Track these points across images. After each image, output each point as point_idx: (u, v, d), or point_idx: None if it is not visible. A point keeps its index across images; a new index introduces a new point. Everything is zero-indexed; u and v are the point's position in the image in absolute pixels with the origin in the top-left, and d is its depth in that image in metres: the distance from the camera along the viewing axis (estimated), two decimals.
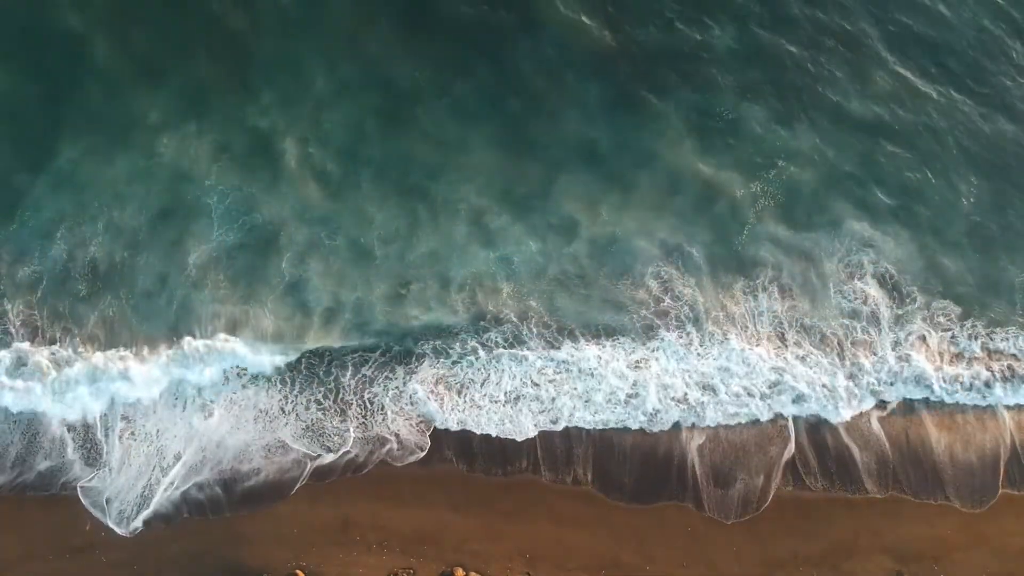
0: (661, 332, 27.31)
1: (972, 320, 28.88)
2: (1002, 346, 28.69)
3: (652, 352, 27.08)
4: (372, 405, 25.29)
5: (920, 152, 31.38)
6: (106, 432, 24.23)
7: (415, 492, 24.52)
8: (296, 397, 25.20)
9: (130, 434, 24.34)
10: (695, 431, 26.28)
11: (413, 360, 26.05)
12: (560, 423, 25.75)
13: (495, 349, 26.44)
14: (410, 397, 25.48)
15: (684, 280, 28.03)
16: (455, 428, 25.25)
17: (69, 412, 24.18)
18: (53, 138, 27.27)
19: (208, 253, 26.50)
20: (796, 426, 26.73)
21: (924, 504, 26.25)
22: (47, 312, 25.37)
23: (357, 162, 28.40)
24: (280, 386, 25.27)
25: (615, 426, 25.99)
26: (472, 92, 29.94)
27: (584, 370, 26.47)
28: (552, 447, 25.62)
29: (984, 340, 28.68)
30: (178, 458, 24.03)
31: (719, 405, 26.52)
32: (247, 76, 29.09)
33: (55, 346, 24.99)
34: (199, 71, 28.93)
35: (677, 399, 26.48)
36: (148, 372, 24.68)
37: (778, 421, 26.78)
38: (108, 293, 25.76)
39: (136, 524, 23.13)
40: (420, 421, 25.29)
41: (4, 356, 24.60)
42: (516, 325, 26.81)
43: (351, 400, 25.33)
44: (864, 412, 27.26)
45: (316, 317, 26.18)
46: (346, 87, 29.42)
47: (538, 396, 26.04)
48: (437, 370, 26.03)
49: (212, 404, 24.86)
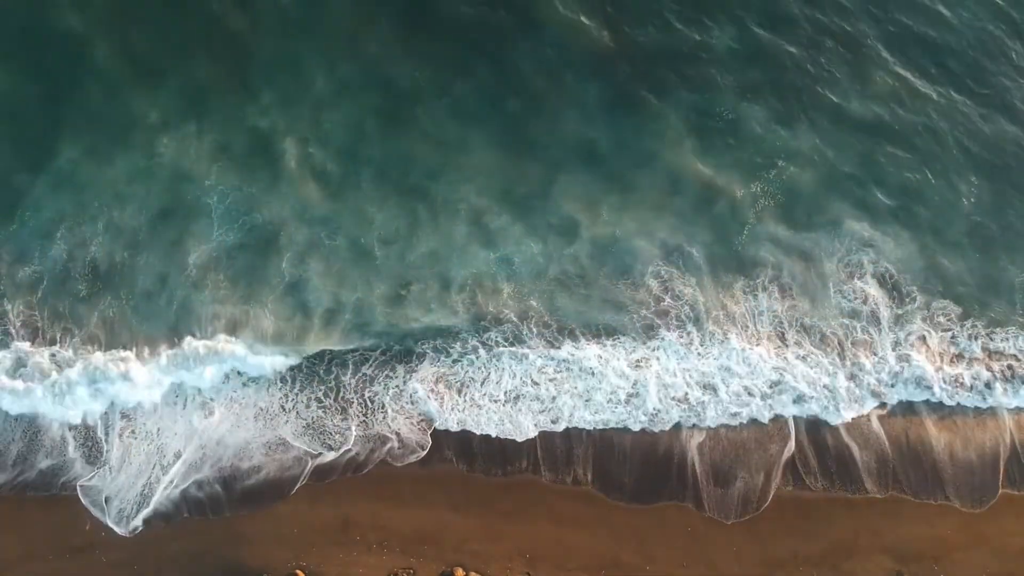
0: (661, 331, 27.30)
1: (972, 320, 28.83)
2: (1002, 346, 28.65)
3: (653, 351, 27.07)
4: (372, 404, 25.28)
5: (920, 152, 31.34)
6: (106, 430, 24.24)
7: (415, 492, 24.50)
8: (297, 395, 25.20)
9: (131, 432, 24.35)
10: (695, 429, 26.28)
11: (414, 359, 26.05)
12: (560, 423, 25.73)
13: (495, 348, 26.45)
14: (410, 396, 25.48)
15: (684, 280, 28.02)
16: (455, 428, 25.26)
17: (69, 414, 24.15)
18: (53, 138, 27.31)
19: (208, 253, 26.51)
20: (796, 424, 26.71)
21: (924, 504, 26.21)
22: (47, 312, 25.39)
23: (357, 162, 28.40)
24: (280, 384, 25.27)
25: (615, 426, 25.98)
26: (472, 92, 29.95)
27: (585, 369, 26.45)
28: (552, 447, 25.60)
29: (984, 340, 28.64)
30: (178, 456, 24.02)
31: (720, 405, 26.51)
32: (247, 76, 29.11)
33: (55, 347, 24.99)
34: (199, 71, 28.96)
35: (678, 399, 26.47)
36: (149, 374, 24.67)
37: (778, 419, 26.79)
38: (108, 293, 25.78)
39: (136, 523, 23.12)
40: (421, 420, 25.28)
41: (4, 357, 24.62)
42: (516, 325, 26.80)
43: (352, 398, 25.32)
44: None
45: (316, 318, 26.18)
46: (346, 87, 29.43)
47: (538, 395, 26.02)
48: (438, 368, 26.02)
49: (212, 402, 24.86)
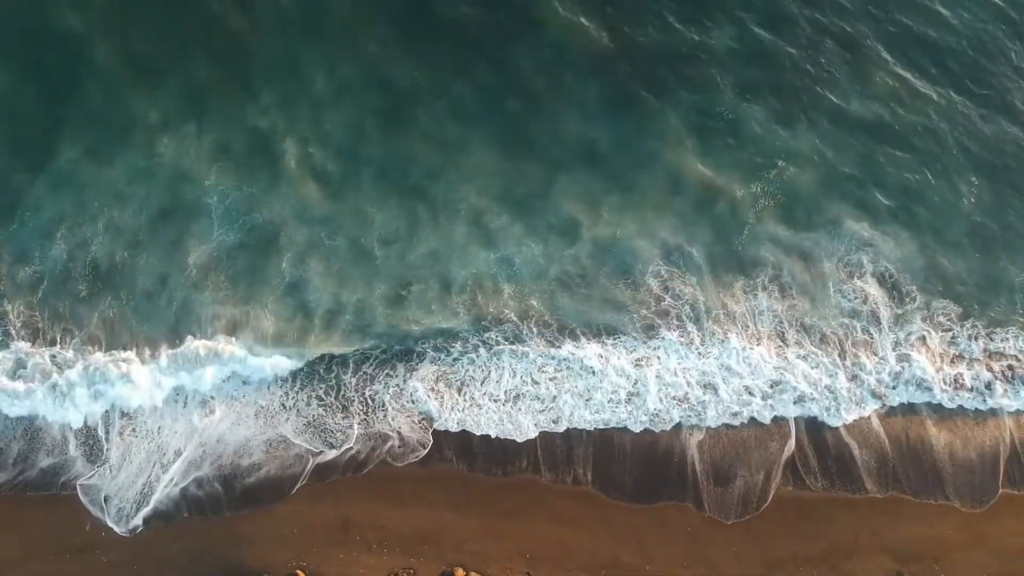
0: (662, 331, 27.31)
1: (972, 320, 28.82)
2: (1002, 346, 28.64)
3: (653, 350, 27.06)
4: (373, 402, 25.30)
5: (920, 152, 31.33)
6: (107, 429, 24.25)
7: (415, 492, 24.51)
8: (297, 394, 25.21)
9: (131, 431, 24.37)
10: (695, 428, 26.28)
11: (414, 357, 26.09)
12: (561, 423, 25.73)
13: (496, 346, 26.45)
14: (411, 395, 25.48)
15: (685, 279, 28.03)
16: (455, 429, 25.27)
17: (70, 417, 24.15)
18: (53, 138, 27.34)
19: (208, 253, 26.52)
20: (796, 423, 26.71)
21: (924, 504, 26.21)
22: (47, 313, 25.42)
23: (357, 162, 28.41)
24: (281, 383, 25.29)
25: (616, 426, 25.97)
26: (472, 92, 29.95)
27: (585, 367, 26.45)
28: (552, 447, 25.60)
29: (984, 341, 28.63)
30: (179, 454, 24.03)
31: (720, 404, 26.50)
32: (247, 76, 29.12)
33: (56, 347, 25.01)
34: (199, 71, 28.98)
35: (678, 398, 26.46)
36: (150, 376, 24.65)
37: (778, 418, 26.72)
38: (108, 293, 25.81)
39: (136, 522, 23.13)
40: (422, 418, 25.30)
41: (5, 358, 24.62)
42: (517, 324, 26.80)
43: (352, 397, 25.34)
44: None
45: (317, 319, 26.19)
46: (346, 87, 29.44)
47: (539, 395, 26.02)
48: (438, 367, 26.02)
49: (213, 400, 24.88)
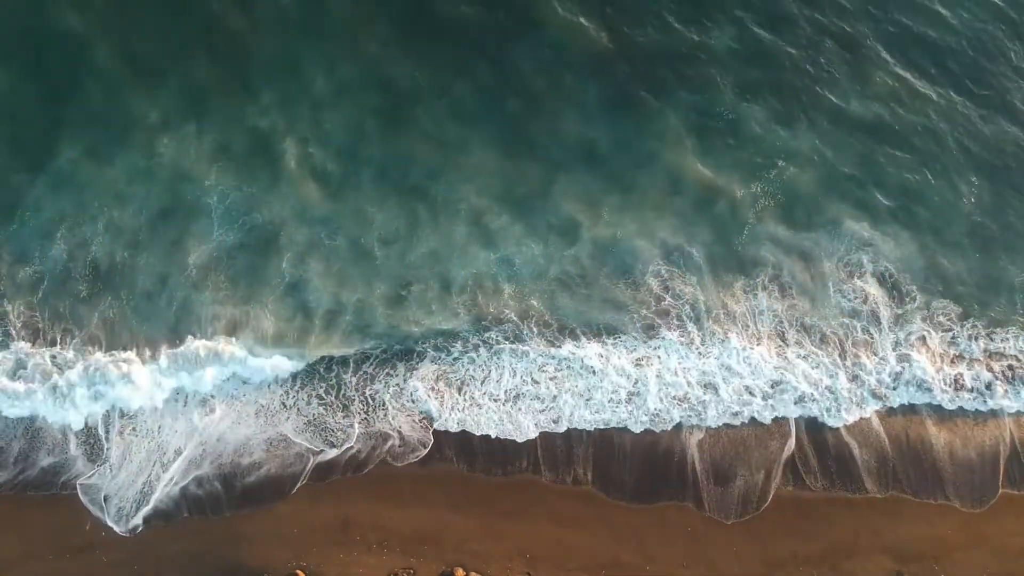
0: (662, 331, 27.31)
1: (972, 320, 28.84)
2: (1002, 346, 28.64)
3: (654, 350, 27.06)
4: (373, 401, 25.30)
5: (920, 152, 31.35)
6: (107, 428, 24.24)
7: (415, 492, 24.51)
8: (298, 393, 25.21)
9: (131, 430, 24.37)
10: (696, 428, 26.27)
11: (414, 357, 26.10)
12: (561, 423, 25.73)
13: (496, 345, 26.45)
14: (411, 394, 25.48)
15: (685, 279, 28.03)
16: (455, 429, 25.27)
17: (71, 418, 24.13)
18: (53, 138, 27.33)
19: (208, 253, 26.51)
20: (796, 423, 26.71)
21: (924, 504, 26.22)
22: (48, 313, 25.40)
23: (357, 162, 28.41)
24: (281, 382, 25.28)
25: (616, 426, 25.97)
26: (471, 92, 29.95)
27: (586, 367, 26.45)
28: (552, 447, 25.60)
29: (984, 341, 28.64)
30: (179, 453, 24.01)
31: (720, 404, 26.49)
32: (247, 76, 29.11)
33: (56, 347, 24.99)
34: (199, 71, 28.96)
35: (678, 398, 26.46)
36: (150, 376, 24.63)
37: (778, 418, 26.74)
38: (108, 294, 25.80)
39: (136, 522, 23.12)
40: (422, 418, 25.29)
41: (5, 358, 24.61)
42: (517, 324, 26.80)
43: (353, 396, 25.34)
44: None
45: (317, 319, 26.18)
46: (346, 87, 29.43)
47: (539, 394, 26.01)
48: (438, 366, 26.02)
49: (213, 399, 24.86)
